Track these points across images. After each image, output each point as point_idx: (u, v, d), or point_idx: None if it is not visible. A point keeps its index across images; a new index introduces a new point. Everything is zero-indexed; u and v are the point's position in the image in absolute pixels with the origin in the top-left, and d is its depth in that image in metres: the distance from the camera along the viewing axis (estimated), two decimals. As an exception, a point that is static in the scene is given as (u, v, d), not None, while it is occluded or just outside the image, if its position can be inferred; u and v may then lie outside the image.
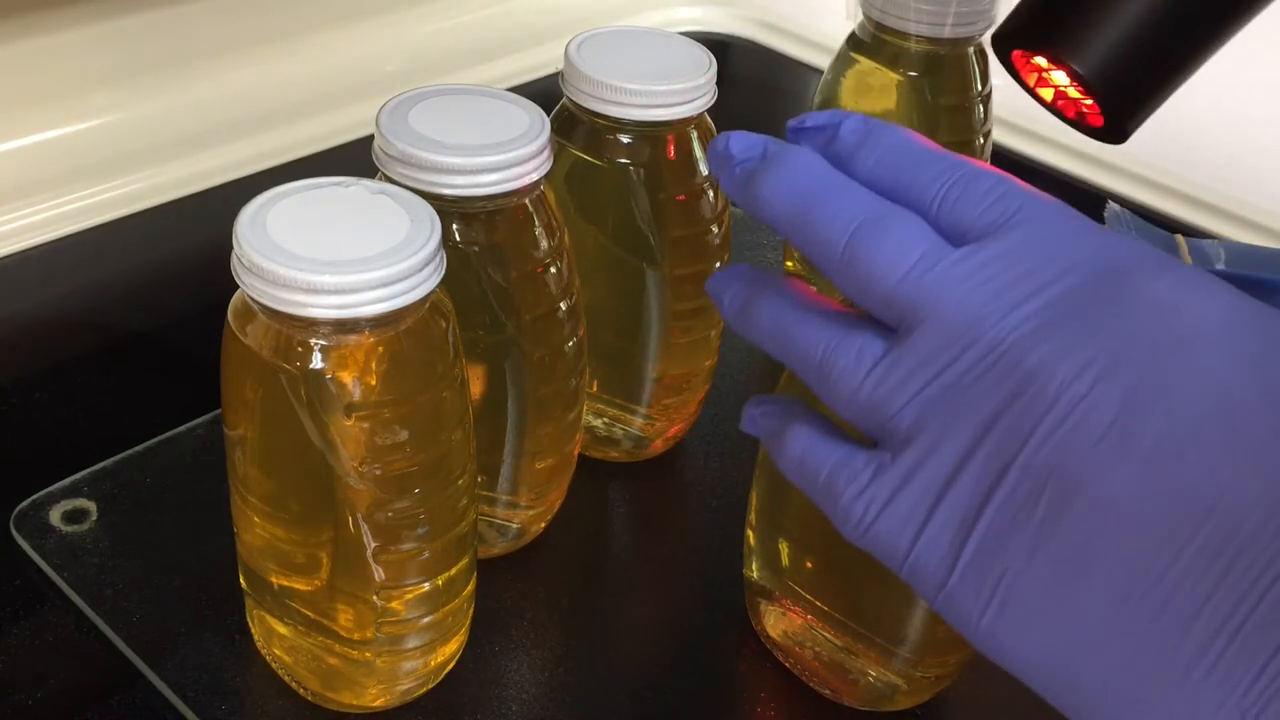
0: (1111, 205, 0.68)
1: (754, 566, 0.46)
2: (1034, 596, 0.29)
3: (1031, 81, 0.44)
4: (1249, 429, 0.27)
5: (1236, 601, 0.26)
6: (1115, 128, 0.42)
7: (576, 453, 0.49)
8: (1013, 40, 0.43)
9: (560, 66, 0.47)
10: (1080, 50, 0.40)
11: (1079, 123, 0.43)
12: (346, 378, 0.36)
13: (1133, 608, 0.27)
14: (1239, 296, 0.29)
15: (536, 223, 0.43)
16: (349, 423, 0.36)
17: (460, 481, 0.39)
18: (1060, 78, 0.42)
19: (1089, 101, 0.42)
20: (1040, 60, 0.42)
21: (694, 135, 0.48)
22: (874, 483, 0.31)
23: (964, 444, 0.30)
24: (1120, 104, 0.41)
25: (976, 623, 0.30)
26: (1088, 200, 0.75)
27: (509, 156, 0.40)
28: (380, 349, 0.36)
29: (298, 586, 0.40)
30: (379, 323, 0.36)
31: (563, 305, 0.44)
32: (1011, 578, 0.29)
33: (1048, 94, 0.43)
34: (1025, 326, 0.29)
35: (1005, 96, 0.58)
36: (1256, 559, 0.26)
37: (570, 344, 0.45)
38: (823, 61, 0.68)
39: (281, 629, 0.42)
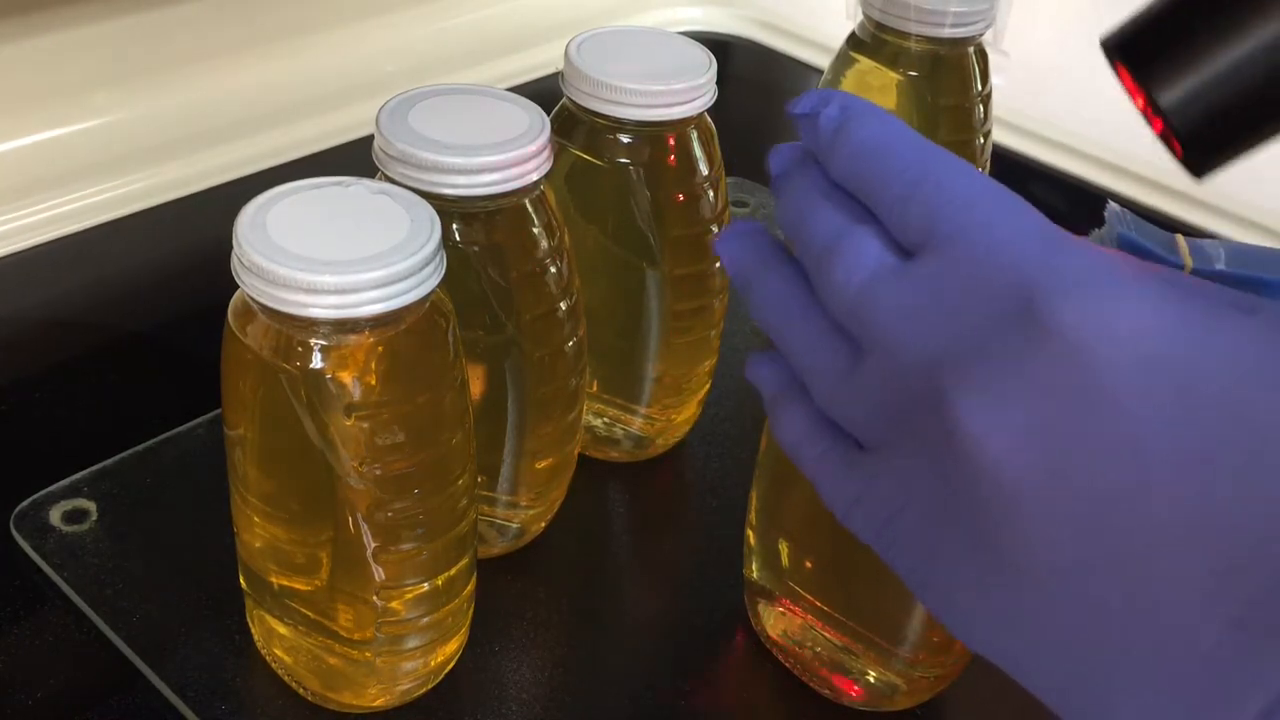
0: (1111, 205, 0.68)
1: (754, 566, 0.46)
2: (980, 618, 0.30)
3: (1128, 85, 0.43)
4: (1159, 503, 0.27)
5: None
6: (1193, 169, 0.42)
7: (576, 453, 0.49)
8: (1114, 52, 0.42)
9: (560, 66, 0.47)
10: (1167, 87, 0.39)
11: (1166, 141, 0.43)
12: (346, 378, 0.36)
13: (1054, 645, 0.28)
14: (1150, 313, 0.28)
15: (536, 223, 0.43)
16: (349, 423, 0.36)
17: (460, 482, 0.39)
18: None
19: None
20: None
21: (694, 135, 0.48)
22: (846, 480, 0.33)
23: (908, 476, 0.31)
24: (1200, 153, 0.41)
25: (941, 619, 0.31)
26: (1088, 200, 0.75)
27: (509, 156, 0.40)
28: (380, 349, 0.36)
29: (298, 586, 0.40)
30: (379, 323, 0.36)
31: (563, 305, 0.44)
32: (957, 597, 0.30)
33: (1141, 102, 0.43)
34: (943, 368, 0.30)
35: (1005, 96, 0.58)
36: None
37: (570, 344, 0.45)
38: (823, 61, 0.68)
39: (281, 629, 0.42)
